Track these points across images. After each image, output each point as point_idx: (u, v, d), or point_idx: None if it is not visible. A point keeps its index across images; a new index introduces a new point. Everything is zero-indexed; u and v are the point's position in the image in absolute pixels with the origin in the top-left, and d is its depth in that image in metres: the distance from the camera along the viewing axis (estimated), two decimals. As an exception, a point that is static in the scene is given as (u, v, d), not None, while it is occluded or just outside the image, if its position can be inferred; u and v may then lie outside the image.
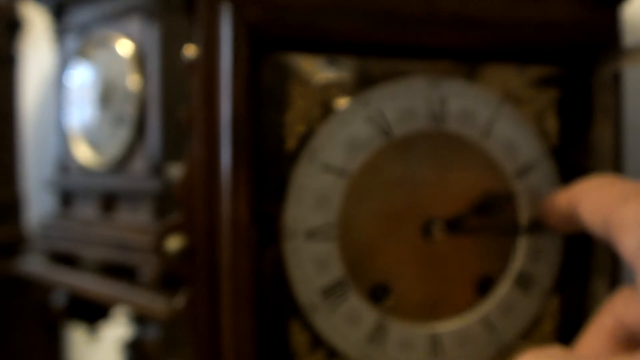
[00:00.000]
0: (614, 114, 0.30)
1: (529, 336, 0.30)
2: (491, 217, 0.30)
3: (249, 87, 0.25)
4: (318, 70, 0.28)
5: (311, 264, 0.27)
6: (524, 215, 0.30)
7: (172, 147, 0.72)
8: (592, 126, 0.31)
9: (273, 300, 0.28)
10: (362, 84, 0.28)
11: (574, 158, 0.31)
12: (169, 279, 0.68)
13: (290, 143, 0.27)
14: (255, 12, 0.25)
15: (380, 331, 0.29)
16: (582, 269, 0.31)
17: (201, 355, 0.27)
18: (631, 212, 0.20)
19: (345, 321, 0.28)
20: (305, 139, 0.27)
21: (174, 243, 0.27)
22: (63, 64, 0.89)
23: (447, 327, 0.29)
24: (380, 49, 0.28)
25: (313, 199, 0.27)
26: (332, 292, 0.28)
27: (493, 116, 0.30)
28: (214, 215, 0.26)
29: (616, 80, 0.30)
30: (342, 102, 0.28)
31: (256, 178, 0.26)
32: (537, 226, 0.30)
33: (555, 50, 0.30)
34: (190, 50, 0.26)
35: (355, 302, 0.28)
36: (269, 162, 0.27)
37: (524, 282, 0.30)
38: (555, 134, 0.31)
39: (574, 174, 0.31)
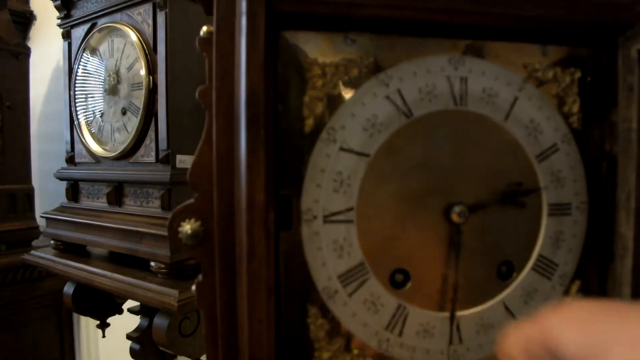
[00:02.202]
0: (639, 94, 0.29)
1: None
2: (513, 205, 0.29)
3: (265, 64, 0.24)
4: (337, 50, 0.27)
5: (330, 248, 0.27)
6: (545, 198, 0.29)
7: (181, 136, 0.71)
8: (615, 107, 0.30)
9: (290, 286, 0.27)
10: (380, 64, 0.27)
11: (596, 140, 0.30)
12: (180, 268, 0.68)
13: (309, 124, 0.27)
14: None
15: (399, 318, 0.28)
16: (604, 253, 0.30)
17: (216, 344, 0.26)
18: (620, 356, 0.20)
19: (364, 307, 0.27)
20: (323, 120, 0.27)
21: (188, 227, 0.26)
22: (72, 55, 0.89)
23: (467, 313, 0.29)
24: (398, 27, 0.27)
25: (332, 181, 0.27)
26: (351, 277, 0.27)
27: (515, 97, 0.29)
28: (230, 198, 0.25)
29: (641, 60, 0.29)
30: (360, 82, 0.27)
31: (273, 159, 0.26)
32: (560, 209, 0.29)
33: (579, 29, 0.29)
34: (206, 29, 0.25)
35: (374, 288, 0.27)
36: (286, 143, 0.27)
37: (545, 267, 0.29)
38: (578, 116, 0.30)
39: (596, 156, 0.30)
